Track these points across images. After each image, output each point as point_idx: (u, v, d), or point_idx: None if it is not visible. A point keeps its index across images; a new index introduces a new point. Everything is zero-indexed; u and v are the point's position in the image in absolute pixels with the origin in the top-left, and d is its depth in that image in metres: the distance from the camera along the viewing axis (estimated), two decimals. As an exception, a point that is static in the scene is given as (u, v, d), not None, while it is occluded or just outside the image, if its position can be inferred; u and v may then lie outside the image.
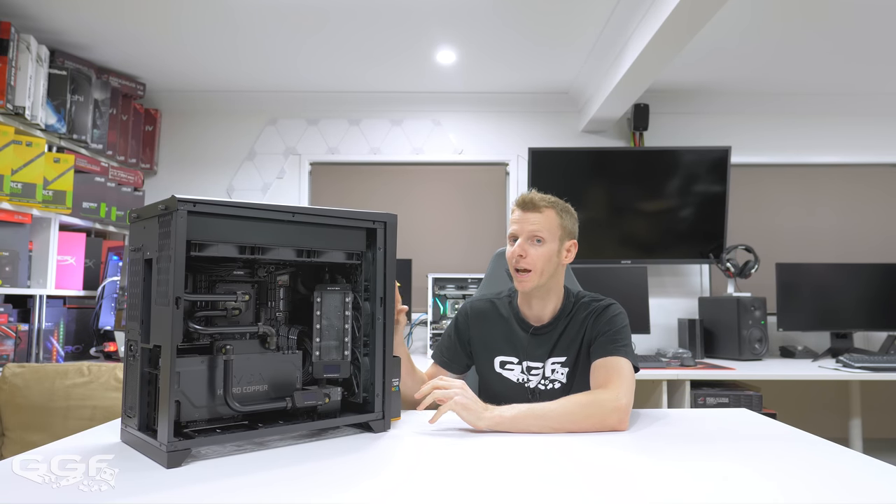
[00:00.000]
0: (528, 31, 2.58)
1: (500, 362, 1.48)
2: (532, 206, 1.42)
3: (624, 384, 1.25)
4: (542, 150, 3.19)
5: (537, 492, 0.82)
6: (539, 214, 1.41)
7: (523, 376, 1.46)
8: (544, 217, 1.41)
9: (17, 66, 2.40)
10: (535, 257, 1.39)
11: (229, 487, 0.83)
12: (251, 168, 3.39)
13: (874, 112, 3.38)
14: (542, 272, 1.40)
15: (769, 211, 3.37)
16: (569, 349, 1.43)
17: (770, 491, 0.83)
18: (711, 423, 1.28)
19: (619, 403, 1.20)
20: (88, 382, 1.78)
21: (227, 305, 1.08)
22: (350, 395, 1.19)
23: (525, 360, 1.46)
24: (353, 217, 1.15)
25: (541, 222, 1.40)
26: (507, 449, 1.05)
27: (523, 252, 1.39)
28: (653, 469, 0.94)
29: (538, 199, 1.43)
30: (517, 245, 1.41)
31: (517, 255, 1.40)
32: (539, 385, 1.45)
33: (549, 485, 0.85)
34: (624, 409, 1.20)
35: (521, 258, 1.40)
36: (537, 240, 1.40)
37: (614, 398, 1.21)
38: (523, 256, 1.39)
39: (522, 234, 1.41)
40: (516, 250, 1.40)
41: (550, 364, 1.44)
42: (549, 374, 1.44)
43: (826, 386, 3.11)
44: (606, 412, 1.19)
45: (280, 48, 2.76)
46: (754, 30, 2.57)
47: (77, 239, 2.80)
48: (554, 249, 1.41)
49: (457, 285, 3.04)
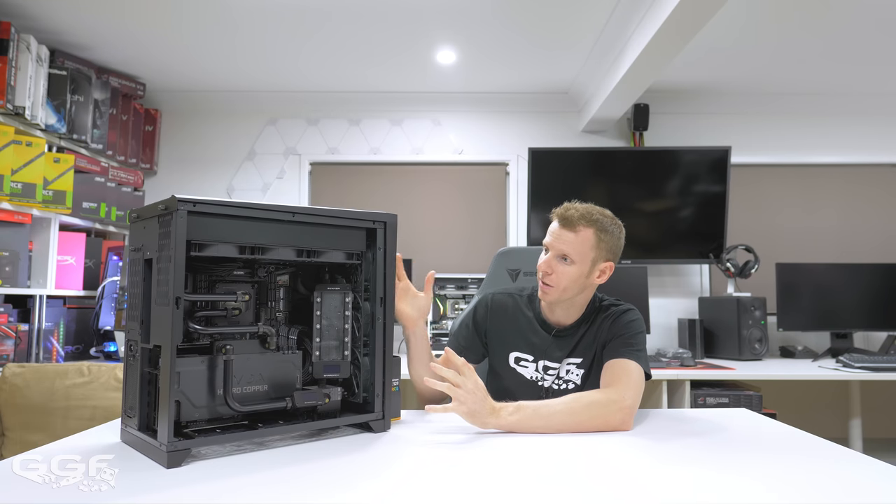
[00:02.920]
0: (528, 32, 2.58)
1: (514, 358, 1.48)
2: (568, 223, 1.36)
3: (631, 385, 1.24)
4: (542, 150, 3.19)
5: (538, 492, 0.82)
6: (573, 234, 1.36)
7: (538, 374, 1.46)
8: (578, 238, 1.36)
9: (17, 66, 2.40)
10: (561, 275, 1.37)
11: (229, 487, 0.83)
12: (251, 168, 3.39)
13: (874, 112, 3.38)
14: (566, 290, 1.38)
15: (769, 211, 3.37)
16: (586, 352, 1.43)
17: (770, 491, 0.83)
18: (711, 423, 1.28)
19: (624, 404, 1.19)
20: (88, 382, 1.78)
21: (227, 305, 1.08)
22: (350, 395, 1.19)
23: (543, 360, 1.46)
24: (353, 217, 1.15)
25: (572, 242, 1.36)
26: (508, 449, 1.05)
27: (549, 269, 1.37)
28: (653, 469, 0.94)
29: (577, 216, 1.36)
30: (545, 259, 1.39)
31: (543, 270, 1.38)
32: (553, 385, 1.45)
33: (550, 485, 0.85)
34: (629, 409, 1.20)
35: (546, 273, 1.38)
36: (565, 258, 1.36)
37: (619, 398, 1.20)
38: (549, 273, 1.37)
39: (553, 249, 1.38)
40: (543, 265, 1.39)
41: (566, 365, 1.44)
42: (564, 375, 1.44)
43: (826, 386, 3.11)
44: (611, 412, 1.18)
45: (280, 48, 2.76)
46: (754, 30, 2.57)
47: (77, 239, 2.80)
48: (583, 271, 1.37)
49: (457, 285, 3.04)
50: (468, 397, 1.16)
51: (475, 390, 1.17)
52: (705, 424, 1.28)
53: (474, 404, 1.16)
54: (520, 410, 1.17)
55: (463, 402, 1.15)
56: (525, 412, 1.17)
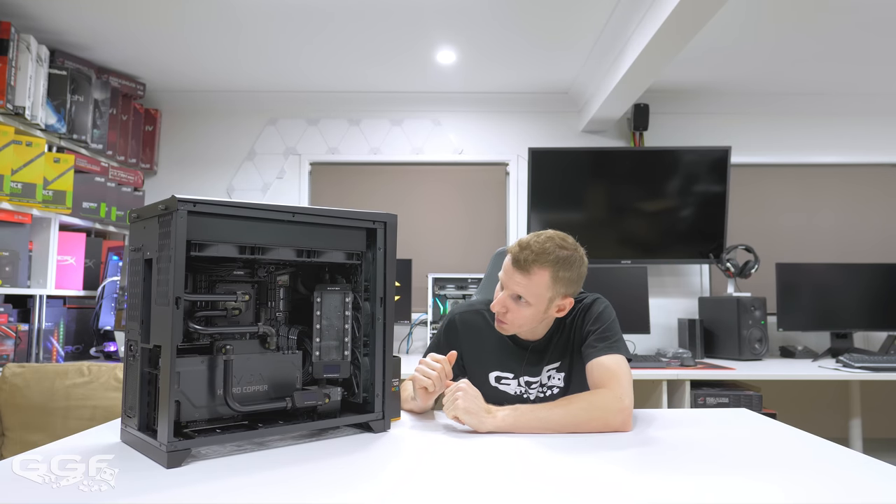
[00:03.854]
0: (528, 32, 2.58)
1: (495, 377, 1.46)
2: (522, 266, 1.29)
3: (623, 383, 1.24)
4: (542, 150, 3.19)
5: (538, 492, 0.82)
6: (527, 278, 1.29)
7: (521, 388, 1.44)
8: (532, 281, 1.29)
9: (17, 66, 2.40)
10: (515, 315, 1.33)
11: (229, 487, 0.83)
12: (251, 168, 3.39)
13: (874, 112, 3.38)
14: (521, 326, 1.36)
15: (769, 211, 3.37)
16: (563, 353, 1.42)
17: (770, 491, 0.83)
18: (711, 423, 1.28)
19: (623, 404, 1.20)
20: (88, 382, 1.78)
21: (227, 305, 1.08)
22: (350, 395, 1.19)
23: (523, 376, 1.44)
24: (352, 217, 1.15)
25: (526, 286, 1.29)
26: (508, 449, 1.05)
27: (503, 307, 1.34)
28: (653, 469, 0.94)
29: (532, 259, 1.29)
30: (500, 298, 1.34)
31: (497, 309, 1.35)
32: (538, 394, 1.44)
33: (550, 485, 0.85)
34: (628, 409, 1.20)
35: (501, 312, 1.35)
36: (520, 298, 1.31)
37: (618, 399, 1.20)
38: (504, 312, 1.34)
39: (507, 288, 1.33)
40: (497, 304, 1.35)
41: (546, 372, 1.43)
42: (546, 381, 1.43)
43: (826, 386, 3.11)
44: (611, 414, 1.18)
45: (281, 48, 2.76)
46: (754, 30, 2.57)
47: (77, 239, 2.80)
48: (540, 310, 1.32)
49: (457, 285, 3.04)
50: (463, 396, 1.17)
51: (468, 389, 1.19)
52: (705, 424, 1.28)
53: (470, 403, 1.16)
54: (516, 410, 1.18)
55: (459, 399, 1.16)
56: (522, 412, 1.18)
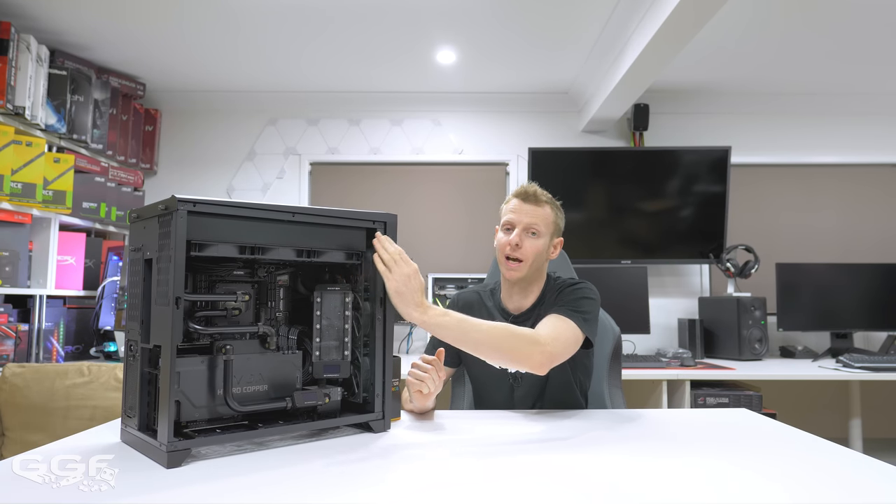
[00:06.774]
0: (528, 32, 2.58)
1: None
2: (534, 198, 1.45)
3: (561, 338, 1.27)
4: (542, 150, 3.19)
5: (537, 492, 0.82)
6: (539, 208, 1.45)
7: None
8: (543, 211, 1.45)
9: (17, 66, 2.40)
10: (529, 249, 1.43)
11: (229, 487, 0.83)
12: (251, 168, 3.39)
13: (874, 112, 3.38)
14: (532, 264, 1.44)
15: (769, 211, 3.37)
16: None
17: (770, 491, 0.83)
18: (711, 423, 1.28)
19: (548, 349, 1.22)
20: (88, 382, 1.78)
21: (227, 305, 1.08)
22: (350, 395, 1.19)
23: None
24: (353, 217, 1.15)
25: (539, 216, 1.44)
26: (507, 449, 1.05)
27: (519, 242, 1.42)
28: (653, 469, 0.94)
29: (540, 192, 1.47)
30: (514, 234, 1.43)
31: (513, 244, 1.43)
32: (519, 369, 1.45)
33: (549, 485, 0.85)
34: (550, 355, 1.22)
35: (516, 247, 1.43)
36: (533, 232, 1.44)
37: (546, 342, 1.22)
38: (518, 246, 1.42)
39: (520, 224, 1.44)
40: (513, 239, 1.43)
41: None
42: None
43: (826, 386, 3.11)
44: (533, 351, 1.20)
45: (280, 48, 2.76)
46: (754, 30, 2.57)
47: (77, 239, 2.80)
48: (546, 244, 1.46)
49: (457, 285, 3.04)
50: (401, 278, 1.11)
51: (412, 275, 1.13)
52: (705, 424, 1.28)
53: (403, 286, 1.11)
54: (446, 315, 1.16)
55: (394, 279, 1.11)
56: (451, 319, 1.16)
